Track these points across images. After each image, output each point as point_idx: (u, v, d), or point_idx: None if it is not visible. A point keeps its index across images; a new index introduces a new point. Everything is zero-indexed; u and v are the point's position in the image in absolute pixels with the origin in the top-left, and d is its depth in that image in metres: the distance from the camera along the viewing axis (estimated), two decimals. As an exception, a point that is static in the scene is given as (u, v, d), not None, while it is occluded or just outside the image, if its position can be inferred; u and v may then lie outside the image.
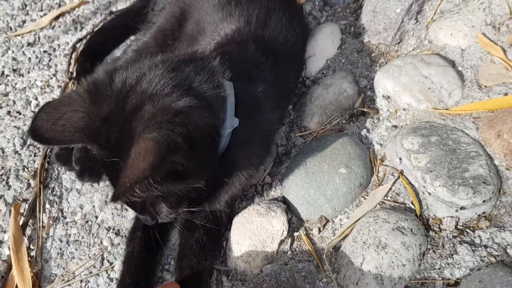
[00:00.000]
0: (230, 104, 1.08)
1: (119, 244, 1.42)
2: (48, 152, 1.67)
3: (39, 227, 1.49)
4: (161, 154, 0.82)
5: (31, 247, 1.47)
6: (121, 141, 0.93)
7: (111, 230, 1.46)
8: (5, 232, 1.52)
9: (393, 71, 1.56)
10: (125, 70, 1.01)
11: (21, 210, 1.54)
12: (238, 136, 1.11)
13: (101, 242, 1.44)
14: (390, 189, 1.32)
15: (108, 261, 1.40)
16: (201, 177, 1.00)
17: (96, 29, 2.09)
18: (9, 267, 1.39)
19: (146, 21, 1.92)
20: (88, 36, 2.06)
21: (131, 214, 1.48)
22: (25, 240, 1.46)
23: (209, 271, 1.27)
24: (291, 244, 1.30)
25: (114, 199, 0.84)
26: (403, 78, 1.53)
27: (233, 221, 1.33)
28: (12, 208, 1.51)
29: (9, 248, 1.46)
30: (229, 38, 1.41)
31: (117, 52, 2.04)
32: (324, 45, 1.81)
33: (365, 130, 1.48)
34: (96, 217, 1.50)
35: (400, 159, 1.35)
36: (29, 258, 1.42)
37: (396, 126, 1.47)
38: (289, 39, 1.54)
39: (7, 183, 1.64)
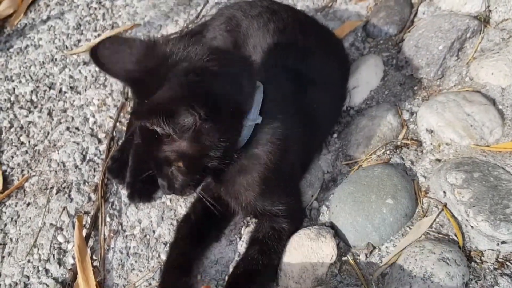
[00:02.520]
0: (257, 99, 1.22)
1: (175, 258, 1.52)
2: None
3: (102, 238, 1.60)
4: (181, 92, 1.00)
5: (94, 257, 1.57)
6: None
7: (168, 245, 1.56)
8: (68, 242, 1.64)
9: (437, 107, 1.65)
10: (178, 40, 1.17)
11: (83, 222, 1.65)
12: (258, 135, 1.25)
13: (159, 256, 1.54)
14: (434, 220, 1.40)
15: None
16: (217, 150, 1.13)
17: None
18: (75, 276, 1.51)
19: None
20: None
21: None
22: (88, 251, 1.57)
23: None
24: (340, 268, 1.39)
25: (138, 116, 1.01)
26: (447, 114, 1.61)
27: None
28: (76, 220, 1.63)
29: (73, 257, 1.57)
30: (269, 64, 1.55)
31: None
32: (368, 76, 1.91)
33: (409, 162, 1.57)
34: (154, 231, 1.61)
35: (444, 192, 1.43)
36: (92, 268, 1.52)
37: (439, 160, 1.55)
38: (328, 71, 1.65)
39: (69, 195, 1.76)
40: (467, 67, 1.80)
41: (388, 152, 1.63)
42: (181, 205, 1.65)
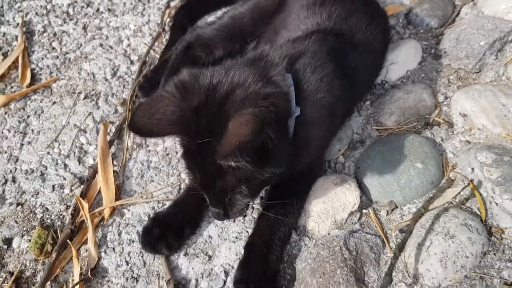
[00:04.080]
0: (291, 95, 1.16)
1: (195, 180, 1.48)
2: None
3: (125, 148, 1.55)
4: (259, 123, 0.91)
5: (114, 163, 1.52)
6: (213, 125, 1.00)
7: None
8: (90, 144, 1.59)
9: (473, 93, 1.64)
10: (207, 70, 1.10)
11: (108, 130, 1.60)
12: (298, 125, 1.18)
13: (179, 175, 1.50)
14: (459, 193, 1.39)
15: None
16: (282, 161, 1.08)
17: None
18: (94, 174, 1.45)
19: (245, -6, 1.99)
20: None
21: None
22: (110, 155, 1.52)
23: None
24: (359, 218, 1.36)
25: (222, 157, 0.91)
26: (482, 101, 1.60)
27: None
28: (102, 125, 1.57)
29: (93, 158, 1.52)
30: (308, 31, 1.49)
31: (208, 18, 2.12)
32: (406, 56, 1.89)
33: (439, 138, 1.56)
34: (177, 152, 1.57)
35: (473, 169, 1.42)
36: (112, 172, 1.47)
37: (469, 142, 1.54)
38: (368, 37, 1.61)
39: (96, 103, 1.71)
40: (505, 67, 1.80)
41: (419, 126, 1.62)
42: (207, 135, 1.61)
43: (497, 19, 1.91)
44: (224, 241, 1.32)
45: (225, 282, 1.25)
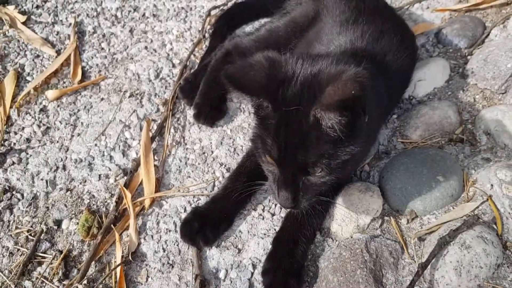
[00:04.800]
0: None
1: (229, 179, 1.59)
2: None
3: (165, 144, 1.66)
4: (360, 87, 0.97)
5: (155, 158, 1.64)
6: (304, 94, 1.07)
7: (223, 166, 1.62)
8: (133, 139, 1.70)
9: (497, 113, 1.70)
10: (293, 55, 1.18)
11: (150, 127, 1.71)
12: None
13: (214, 172, 1.60)
14: (477, 207, 1.45)
15: (218, 188, 1.56)
16: (362, 141, 1.14)
17: (237, 1, 2.28)
18: (137, 167, 1.57)
19: (282, 9, 2.09)
20: (230, 5, 2.26)
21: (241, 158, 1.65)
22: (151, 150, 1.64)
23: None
24: (381, 225, 1.44)
25: (324, 107, 0.98)
26: (506, 121, 1.66)
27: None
28: (145, 122, 1.69)
29: (136, 152, 1.64)
30: (342, 48, 1.56)
31: (246, 28, 2.22)
32: (434, 74, 1.96)
33: (462, 155, 1.62)
34: (212, 151, 1.67)
35: (492, 185, 1.48)
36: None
37: (490, 159, 1.60)
38: (398, 58, 1.67)
39: (140, 102, 1.83)
40: (531, 90, 1.85)
41: (443, 141, 1.68)
42: (240, 137, 1.71)
43: (526, 43, 1.95)
44: (253, 237, 1.42)
45: (252, 274, 1.34)
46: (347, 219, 1.42)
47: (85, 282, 1.30)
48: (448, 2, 2.38)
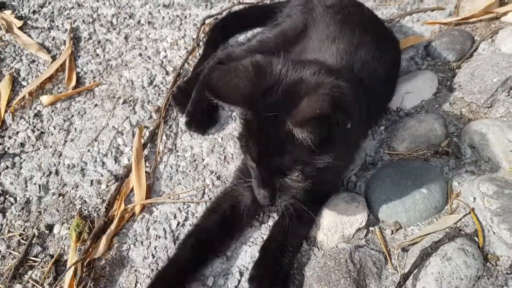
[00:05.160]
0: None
1: (218, 186, 1.62)
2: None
3: (157, 151, 1.69)
4: (333, 104, 1.00)
5: (147, 164, 1.66)
6: (283, 102, 1.10)
7: (213, 174, 1.65)
8: (126, 146, 1.73)
9: (482, 127, 1.74)
10: (278, 59, 1.20)
11: (142, 134, 1.74)
12: None
13: (204, 180, 1.63)
14: (460, 219, 1.48)
15: (208, 196, 1.59)
16: (338, 152, 1.16)
17: (231, 10, 2.32)
18: (128, 173, 1.59)
19: (273, 20, 2.13)
20: (224, 15, 2.29)
21: (231, 166, 1.68)
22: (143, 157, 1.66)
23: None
24: (366, 235, 1.47)
25: (296, 123, 1.00)
26: (490, 136, 1.70)
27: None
28: (137, 129, 1.72)
29: (128, 159, 1.66)
30: (326, 61, 1.58)
31: (239, 37, 2.25)
32: (422, 87, 2.00)
33: (447, 167, 1.66)
34: (203, 159, 1.70)
35: (474, 198, 1.52)
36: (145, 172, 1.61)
37: (474, 173, 1.64)
38: (380, 69, 1.71)
39: (133, 108, 1.86)
40: (516, 104, 1.89)
41: (429, 154, 1.72)
42: (230, 145, 1.74)
43: (512, 57, 1.99)
44: (241, 245, 1.45)
45: (239, 281, 1.37)
46: (333, 229, 1.45)
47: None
48: (438, 16, 2.43)
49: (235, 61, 1.79)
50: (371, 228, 1.49)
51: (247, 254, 1.42)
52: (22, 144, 1.69)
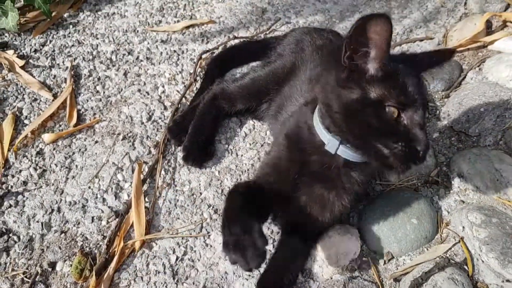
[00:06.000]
0: None
1: (216, 219, 1.68)
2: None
3: (156, 186, 1.75)
4: None
5: (146, 200, 1.72)
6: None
7: (211, 208, 1.71)
8: (126, 181, 1.79)
9: (470, 157, 1.81)
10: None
11: (142, 169, 1.81)
12: None
13: (202, 214, 1.69)
14: (450, 248, 1.54)
15: (206, 230, 1.65)
16: None
17: (227, 45, 2.41)
18: (128, 209, 1.65)
19: (267, 57, 2.22)
20: (221, 49, 2.38)
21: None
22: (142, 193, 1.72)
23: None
24: (359, 265, 1.52)
25: None
26: (478, 165, 1.77)
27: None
28: (137, 165, 1.78)
29: (128, 194, 1.72)
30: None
31: (237, 70, 2.34)
32: (412, 118, 2.07)
33: (436, 196, 1.72)
34: (201, 193, 1.76)
35: (463, 227, 1.58)
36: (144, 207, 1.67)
37: (463, 202, 1.70)
38: None
39: (133, 144, 1.93)
40: (503, 132, 1.97)
41: (419, 184, 1.79)
42: (227, 178, 1.81)
43: (498, 87, 2.08)
44: (238, 278, 1.50)
45: (236, 315, 1.41)
46: (328, 261, 1.51)
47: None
48: (428, 45, 2.52)
49: (229, 97, 1.89)
50: (364, 259, 1.55)
51: (244, 287, 1.47)
52: (25, 183, 1.75)
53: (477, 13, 2.63)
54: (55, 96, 2.11)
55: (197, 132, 1.87)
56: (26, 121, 1.99)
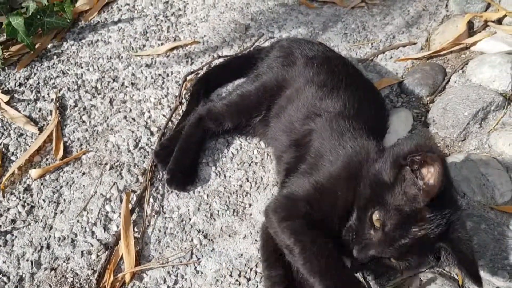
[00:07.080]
0: None
1: (206, 245, 1.68)
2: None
3: (144, 215, 1.76)
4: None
5: (135, 229, 1.73)
6: None
7: (201, 233, 1.72)
8: (114, 212, 1.80)
9: (455, 162, 1.82)
10: None
11: (130, 198, 1.82)
12: None
13: (192, 240, 1.70)
14: (440, 258, 1.54)
15: (196, 256, 1.65)
16: None
17: (211, 64, 2.42)
18: (117, 241, 1.66)
19: (254, 70, 2.22)
20: (206, 69, 2.39)
21: (218, 223, 1.75)
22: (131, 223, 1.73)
23: None
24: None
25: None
26: (464, 171, 1.78)
27: None
28: (125, 195, 1.79)
29: (117, 226, 1.73)
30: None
31: (222, 89, 2.35)
32: (398, 126, 2.09)
33: (424, 205, 1.72)
34: (190, 219, 1.77)
35: (452, 235, 1.58)
36: (133, 238, 1.68)
37: (451, 208, 1.70)
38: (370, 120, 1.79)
39: (120, 173, 1.94)
40: (488, 135, 1.98)
41: (407, 193, 1.79)
42: (216, 201, 1.82)
43: (482, 89, 2.10)
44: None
45: None
46: None
47: None
48: (411, 51, 2.54)
49: (217, 117, 1.90)
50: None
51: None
52: (13, 221, 1.76)
53: (458, 15, 2.65)
54: (41, 129, 2.12)
55: (181, 156, 1.88)
56: (12, 157, 2.00)
